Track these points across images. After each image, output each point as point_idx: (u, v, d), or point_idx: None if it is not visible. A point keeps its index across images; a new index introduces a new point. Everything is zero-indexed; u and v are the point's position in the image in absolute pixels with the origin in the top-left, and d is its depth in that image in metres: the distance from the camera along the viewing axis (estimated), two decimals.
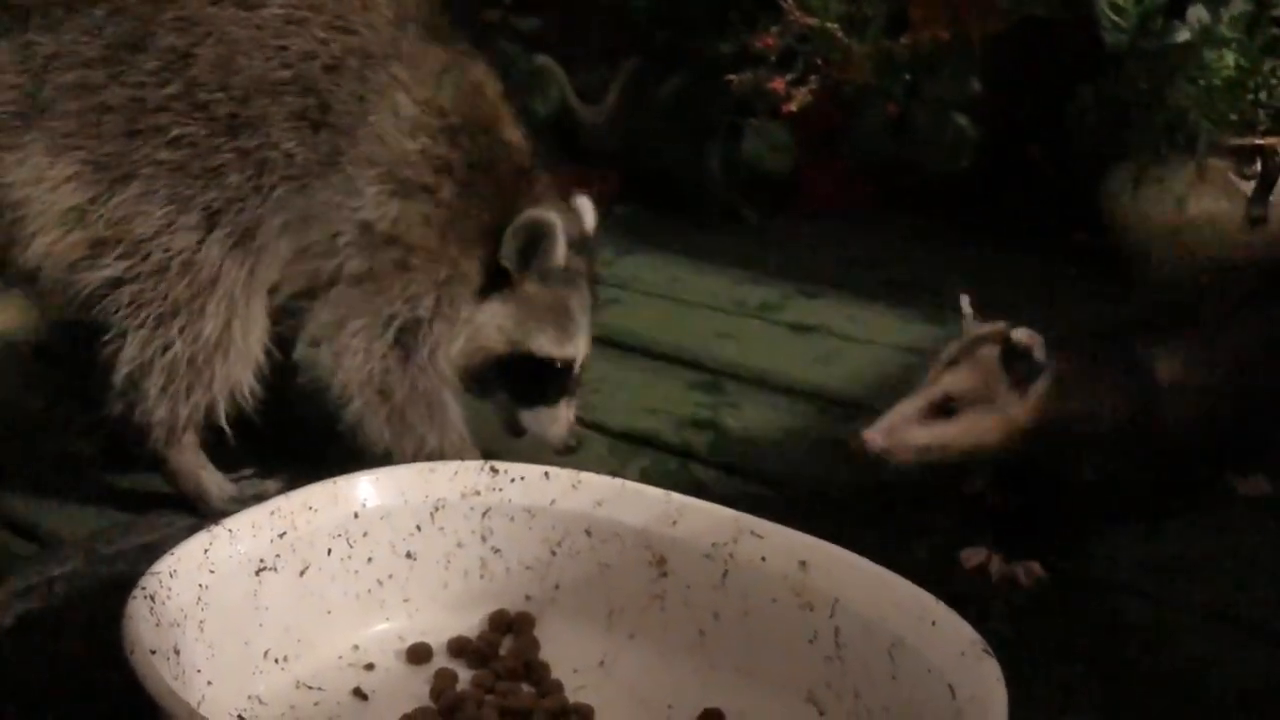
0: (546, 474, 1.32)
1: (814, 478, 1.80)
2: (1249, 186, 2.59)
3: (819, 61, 2.59)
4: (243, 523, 1.20)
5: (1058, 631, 1.42)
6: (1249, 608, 1.47)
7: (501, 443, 1.74)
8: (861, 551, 1.59)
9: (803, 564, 1.19)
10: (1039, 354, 1.51)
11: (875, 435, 1.52)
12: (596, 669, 1.26)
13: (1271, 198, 2.58)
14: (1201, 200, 2.62)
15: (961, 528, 1.64)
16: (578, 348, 1.69)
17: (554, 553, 1.31)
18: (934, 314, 2.53)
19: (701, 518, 1.26)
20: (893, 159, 3.07)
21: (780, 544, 1.21)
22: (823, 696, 1.16)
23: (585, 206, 1.81)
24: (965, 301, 1.67)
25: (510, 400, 1.70)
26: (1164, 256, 2.69)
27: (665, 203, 3.19)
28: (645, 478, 1.75)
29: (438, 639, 1.29)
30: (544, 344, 1.64)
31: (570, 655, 1.27)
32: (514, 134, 1.67)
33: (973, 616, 1.43)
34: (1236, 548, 1.61)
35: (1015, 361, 1.51)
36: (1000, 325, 1.59)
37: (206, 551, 1.16)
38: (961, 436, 1.52)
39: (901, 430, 1.52)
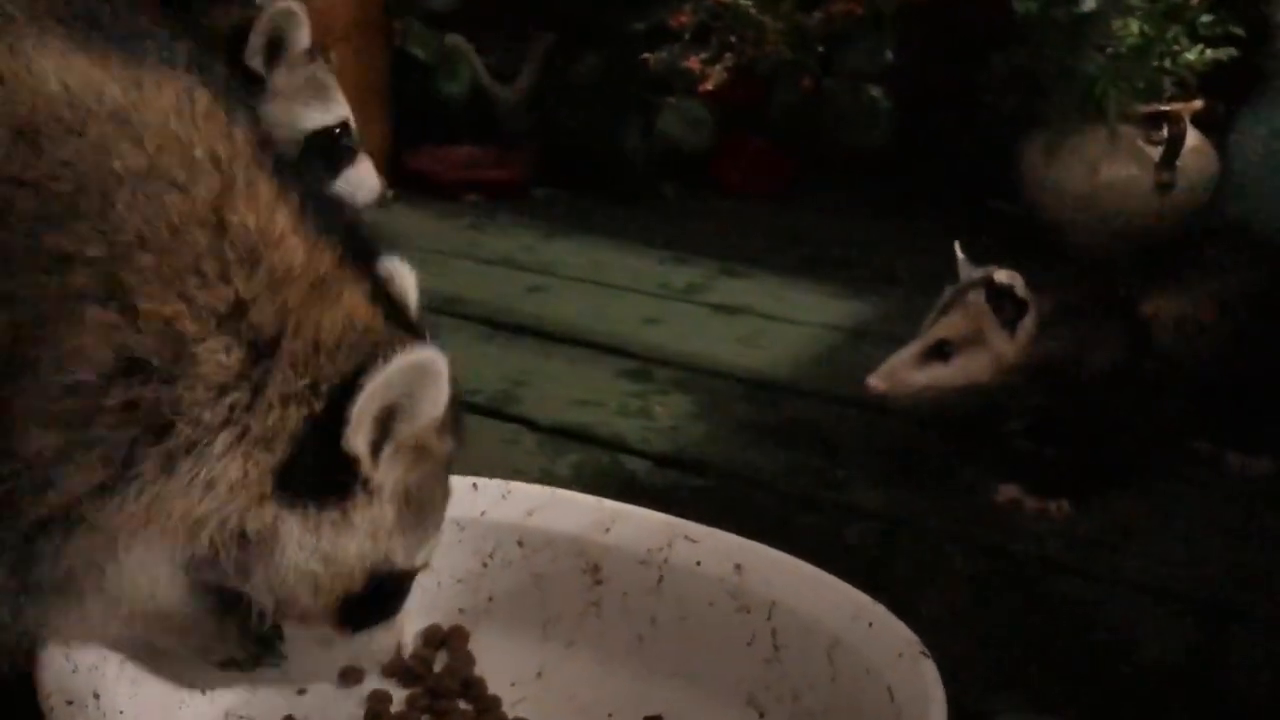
0: (475, 485, 1.29)
1: (745, 464, 1.79)
2: (1157, 152, 2.64)
3: (733, 39, 2.58)
4: None
5: (991, 614, 1.44)
6: (1174, 580, 1.50)
7: None
8: (794, 537, 1.59)
9: (738, 567, 1.18)
10: (1020, 291, 1.61)
11: (877, 380, 1.65)
12: (534, 680, 1.24)
13: (1178, 163, 2.64)
14: (1113, 167, 2.66)
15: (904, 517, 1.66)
16: (343, 106, 1.81)
17: (485, 564, 1.28)
18: (854, 290, 2.55)
19: (634, 523, 1.24)
20: (809, 133, 3.08)
21: (715, 547, 1.20)
22: (763, 699, 1.15)
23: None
24: (957, 247, 1.75)
25: (326, 175, 1.81)
26: (1079, 223, 2.74)
27: (584, 181, 3.17)
28: (577, 473, 1.75)
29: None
30: (315, 118, 1.77)
31: (507, 667, 1.24)
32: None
33: (906, 600, 1.46)
34: (1158, 519, 1.64)
35: (1001, 302, 1.62)
36: (989, 269, 1.67)
37: None
38: (957, 376, 1.64)
39: (900, 374, 1.65)
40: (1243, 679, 1.33)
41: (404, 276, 1.02)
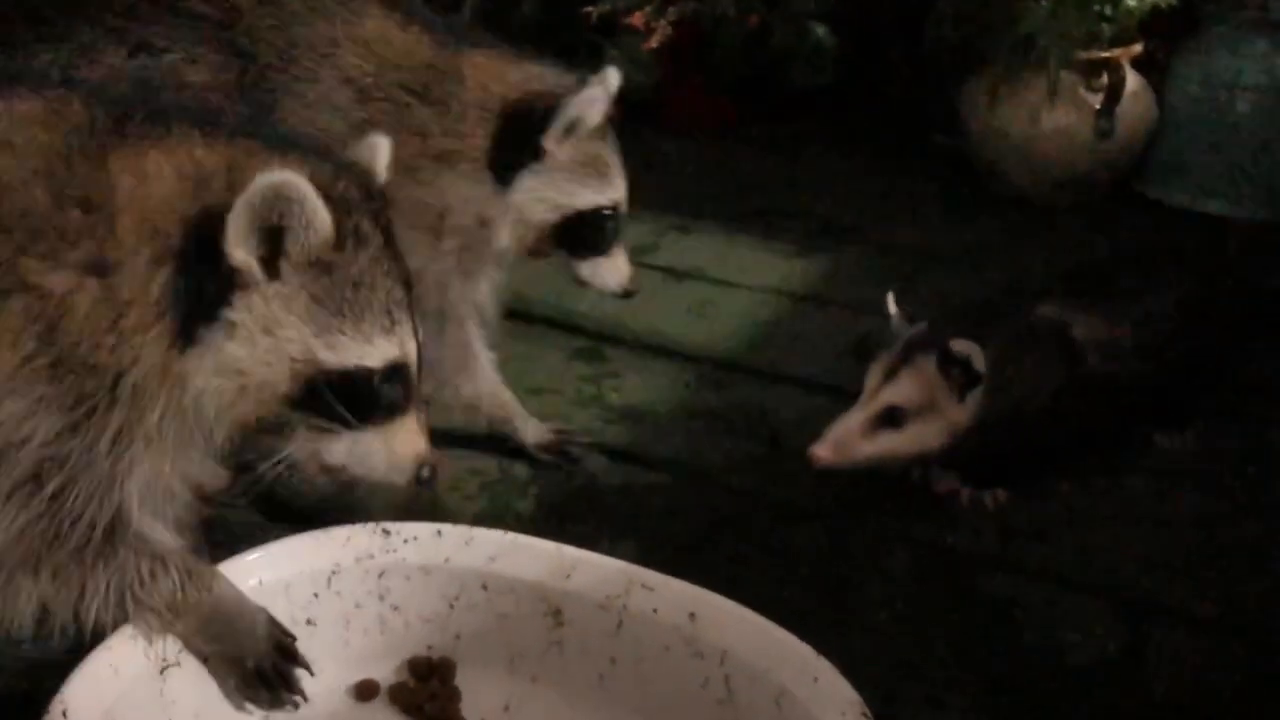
0: (439, 532, 1.35)
1: (696, 456, 1.86)
2: (1097, 98, 2.67)
3: None
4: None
5: (929, 617, 1.53)
6: (1100, 575, 1.60)
7: None
8: (744, 538, 1.68)
9: (692, 616, 1.25)
10: (978, 363, 1.58)
11: (823, 451, 1.61)
12: (502, 714, 1.31)
13: (1118, 109, 2.67)
14: (1054, 114, 2.69)
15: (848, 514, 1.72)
16: (619, 189, 1.73)
17: (452, 606, 1.35)
18: (801, 246, 2.59)
19: (593, 571, 1.30)
20: (755, 72, 3.07)
21: (670, 596, 1.27)
22: None
23: (610, 75, 1.75)
24: (890, 301, 1.70)
25: (568, 257, 1.77)
26: (1019, 168, 2.78)
27: None
28: (535, 474, 1.80)
29: (342, 695, 1.33)
30: (589, 197, 1.69)
31: (476, 702, 1.32)
32: (423, 51, 1.65)
33: (850, 604, 1.55)
34: (1089, 508, 1.73)
35: (952, 369, 1.59)
36: (925, 327, 1.65)
37: (111, 663, 1.17)
38: (908, 444, 1.62)
39: (849, 444, 1.61)
40: (1166, 679, 1.43)
41: (373, 147, 1.29)
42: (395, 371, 1.18)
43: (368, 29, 1.65)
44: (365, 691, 1.33)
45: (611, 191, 1.72)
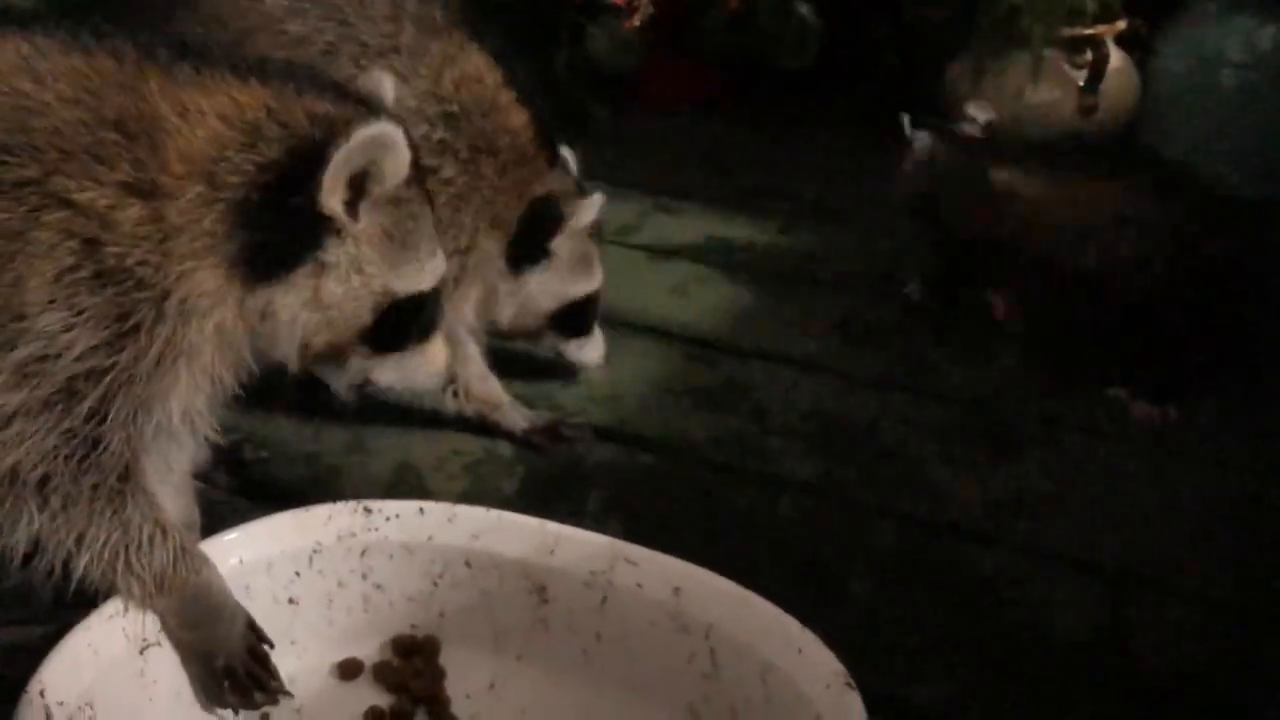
0: (421, 510, 1.34)
1: (681, 435, 1.85)
2: (1081, 75, 2.67)
3: None
4: (121, 604, 1.19)
5: (915, 593, 1.52)
6: (1086, 549, 1.59)
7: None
8: (731, 513, 1.68)
9: (676, 590, 1.25)
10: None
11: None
12: (487, 691, 1.31)
13: (1101, 86, 2.67)
14: (1038, 91, 2.69)
15: (833, 489, 1.72)
16: (599, 276, 1.89)
17: (435, 584, 1.34)
18: (785, 226, 2.58)
19: (577, 547, 1.30)
20: (738, 52, 3.06)
21: (655, 571, 1.26)
22: (703, 711, 1.23)
23: (568, 159, 1.87)
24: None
25: (557, 338, 1.91)
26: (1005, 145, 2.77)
27: None
28: (520, 452, 1.79)
29: (326, 674, 1.32)
30: (583, 287, 1.85)
31: (461, 679, 1.31)
32: (516, 119, 1.74)
33: (836, 578, 1.55)
34: (1072, 489, 1.73)
35: None
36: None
37: (90, 643, 1.16)
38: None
39: None
40: (1150, 654, 1.43)
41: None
42: (437, 290, 1.29)
43: (469, 68, 1.70)
44: (349, 670, 1.32)
45: (596, 279, 1.87)
